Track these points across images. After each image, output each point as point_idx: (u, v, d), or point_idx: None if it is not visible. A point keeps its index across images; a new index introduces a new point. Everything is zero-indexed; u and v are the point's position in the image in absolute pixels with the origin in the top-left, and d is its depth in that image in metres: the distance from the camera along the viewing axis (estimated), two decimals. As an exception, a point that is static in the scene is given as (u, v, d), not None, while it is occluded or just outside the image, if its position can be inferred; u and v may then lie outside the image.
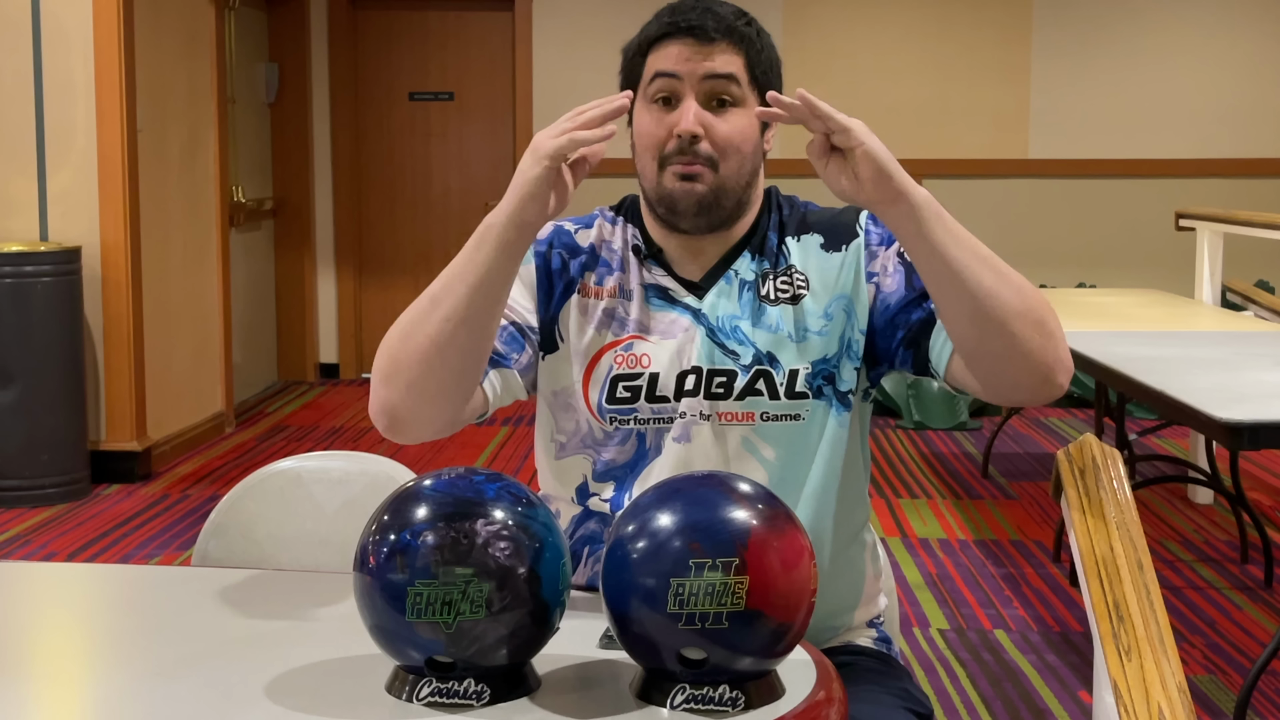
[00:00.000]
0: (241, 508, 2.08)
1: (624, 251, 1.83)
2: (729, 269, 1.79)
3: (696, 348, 1.76)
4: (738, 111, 1.74)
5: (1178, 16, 7.71)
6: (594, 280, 1.81)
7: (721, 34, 1.73)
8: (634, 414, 1.76)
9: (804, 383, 1.76)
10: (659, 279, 1.80)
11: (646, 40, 1.77)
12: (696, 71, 1.73)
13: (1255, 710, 3.36)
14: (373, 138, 8.01)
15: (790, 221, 1.83)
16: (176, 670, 1.48)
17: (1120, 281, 7.48)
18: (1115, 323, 4.63)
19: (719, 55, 1.73)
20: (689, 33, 1.73)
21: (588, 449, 1.79)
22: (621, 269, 1.82)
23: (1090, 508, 2.13)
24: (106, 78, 5.43)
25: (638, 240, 1.83)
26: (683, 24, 1.74)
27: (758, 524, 1.31)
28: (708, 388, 1.75)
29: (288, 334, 7.95)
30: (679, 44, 1.74)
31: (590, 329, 1.79)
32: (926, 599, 4.19)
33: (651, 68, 1.76)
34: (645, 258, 1.81)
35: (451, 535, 1.31)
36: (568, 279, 1.81)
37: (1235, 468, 4.45)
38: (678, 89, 1.74)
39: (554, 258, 1.82)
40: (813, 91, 1.56)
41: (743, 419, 1.75)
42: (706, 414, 1.75)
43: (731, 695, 1.32)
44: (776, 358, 1.76)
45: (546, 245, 1.82)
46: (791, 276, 1.79)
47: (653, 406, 1.75)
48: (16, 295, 5.16)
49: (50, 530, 4.93)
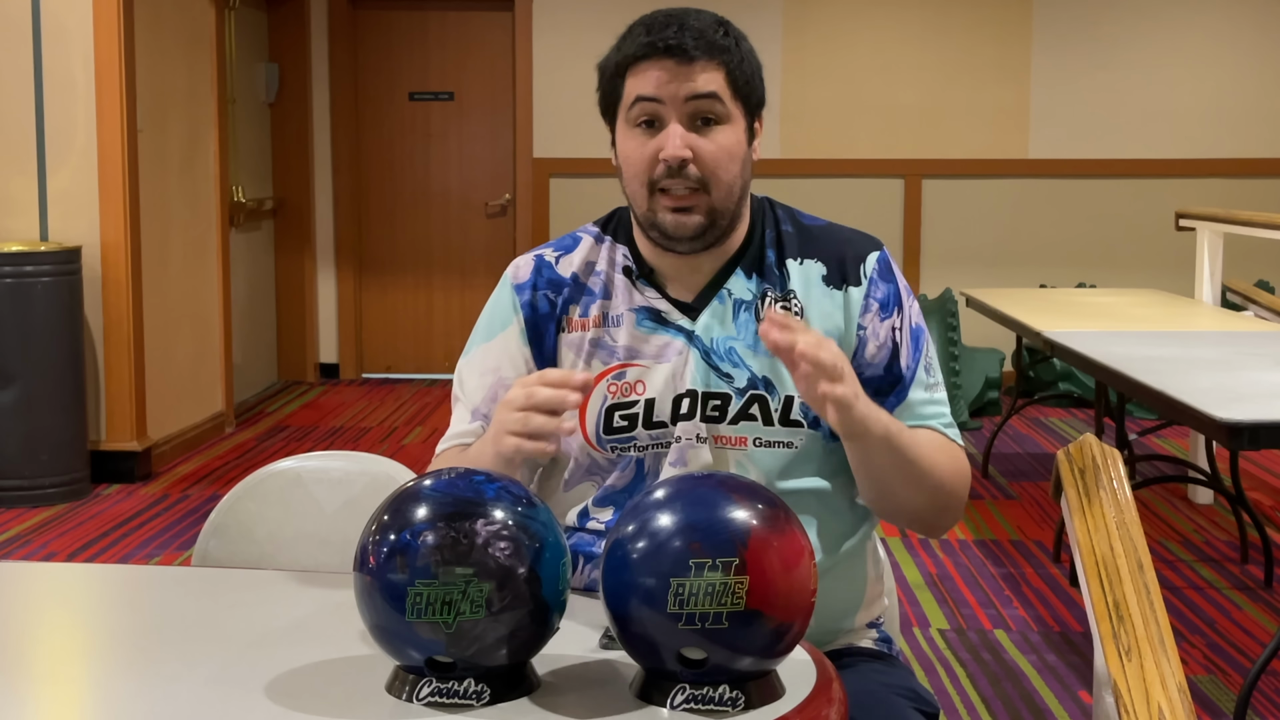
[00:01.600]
0: (241, 508, 2.08)
1: (611, 273, 1.80)
2: (722, 288, 1.77)
3: (691, 371, 1.74)
4: (723, 128, 1.72)
5: (1178, 17, 7.71)
6: (578, 313, 1.79)
7: (701, 51, 1.69)
8: (633, 441, 1.75)
9: (799, 411, 1.74)
10: (651, 301, 1.78)
11: (624, 61, 1.73)
12: (679, 94, 1.69)
13: (1255, 710, 3.36)
14: (373, 138, 8.01)
15: (791, 241, 1.80)
16: (176, 670, 1.48)
17: (1120, 281, 7.48)
18: (1115, 323, 4.63)
19: (700, 74, 1.70)
20: (667, 53, 1.69)
21: (593, 476, 1.78)
22: (606, 294, 1.79)
23: (1090, 508, 2.13)
24: (106, 78, 5.43)
25: (629, 261, 1.80)
26: (660, 44, 1.69)
27: (758, 524, 1.31)
28: (703, 410, 1.73)
29: (288, 334, 7.95)
30: (658, 66, 1.70)
31: (580, 362, 1.77)
32: (926, 599, 4.19)
33: (632, 91, 1.72)
34: (637, 278, 1.79)
35: (451, 535, 1.31)
36: (556, 318, 1.79)
37: (1235, 468, 4.45)
38: (660, 113, 1.71)
39: (540, 301, 1.80)
40: (813, 91, 1.56)
41: (737, 443, 1.74)
42: (703, 436, 1.73)
43: (731, 695, 1.32)
44: (773, 383, 1.74)
45: (530, 289, 1.81)
46: (790, 301, 1.77)
47: (650, 433, 1.74)
48: (16, 295, 5.16)
49: (50, 530, 4.93)
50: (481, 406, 1.81)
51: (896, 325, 1.78)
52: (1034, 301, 5.30)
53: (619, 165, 1.76)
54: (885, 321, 1.77)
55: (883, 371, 1.76)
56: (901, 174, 7.69)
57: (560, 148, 7.76)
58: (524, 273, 1.82)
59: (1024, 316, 4.68)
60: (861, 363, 1.76)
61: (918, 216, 7.71)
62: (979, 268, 7.66)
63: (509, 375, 1.79)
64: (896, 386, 1.76)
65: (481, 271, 7.99)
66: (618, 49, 1.75)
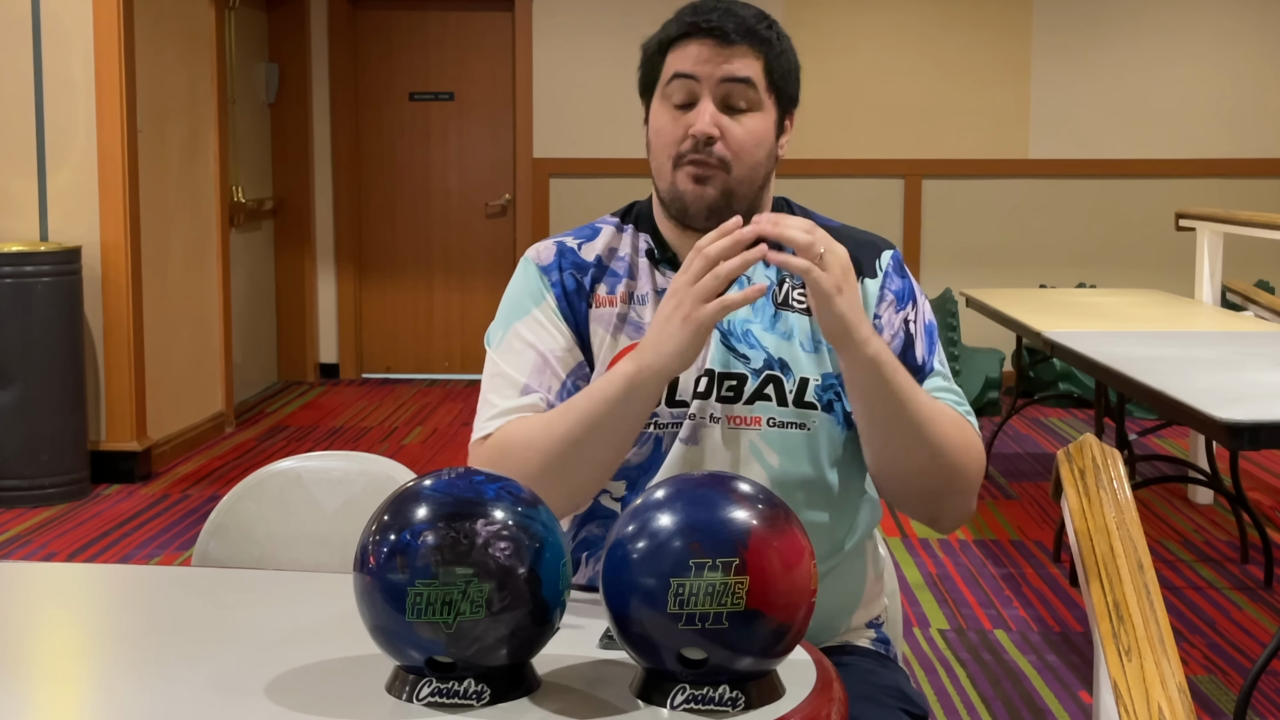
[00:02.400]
0: (241, 508, 2.08)
1: (634, 258, 1.82)
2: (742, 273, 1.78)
3: (710, 350, 1.75)
4: (754, 115, 1.74)
5: (1178, 17, 7.70)
6: (604, 290, 1.80)
7: (741, 36, 1.73)
8: (655, 419, 1.75)
9: (814, 394, 1.75)
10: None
11: (666, 39, 1.77)
12: (715, 74, 1.72)
13: (1255, 710, 3.36)
14: (373, 138, 8.01)
15: None
16: (176, 670, 1.48)
17: (1120, 281, 7.47)
18: (1115, 323, 4.63)
19: (738, 59, 1.73)
20: (709, 34, 1.72)
21: None
22: (630, 275, 1.81)
23: (1090, 508, 2.13)
24: (106, 78, 5.43)
25: (650, 244, 1.82)
26: (703, 24, 1.73)
27: (758, 524, 1.31)
28: (719, 390, 1.75)
29: (288, 334, 7.95)
30: (698, 45, 1.73)
31: (608, 337, 1.79)
32: (926, 599, 4.19)
33: (670, 68, 1.75)
34: (659, 261, 1.81)
35: (451, 535, 1.31)
36: (585, 295, 1.80)
37: (1235, 468, 4.45)
38: (695, 90, 1.73)
39: (568, 280, 1.81)
40: (813, 91, 1.56)
41: (751, 423, 1.75)
42: (717, 416, 1.75)
43: (731, 695, 1.32)
44: (788, 364, 1.76)
45: (557, 270, 1.82)
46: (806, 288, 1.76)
47: (672, 411, 1.75)
48: (16, 295, 5.16)
49: (50, 530, 4.93)
50: (531, 381, 1.77)
51: (910, 318, 1.79)
52: (1034, 301, 5.30)
53: (649, 140, 1.79)
54: (899, 313, 1.79)
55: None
56: (901, 174, 7.69)
57: (560, 148, 7.76)
58: (547, 255, 1.83)
59: (1024, 316, 4.68)
60: None
61: (918, 216, 7.71)
62: (979, 268, 7.66)
63: (550, 347, 1.78)
64: (914, 376, 1.75)
65: (481, 271, 7.99)
66: (663, 29, 1.78)
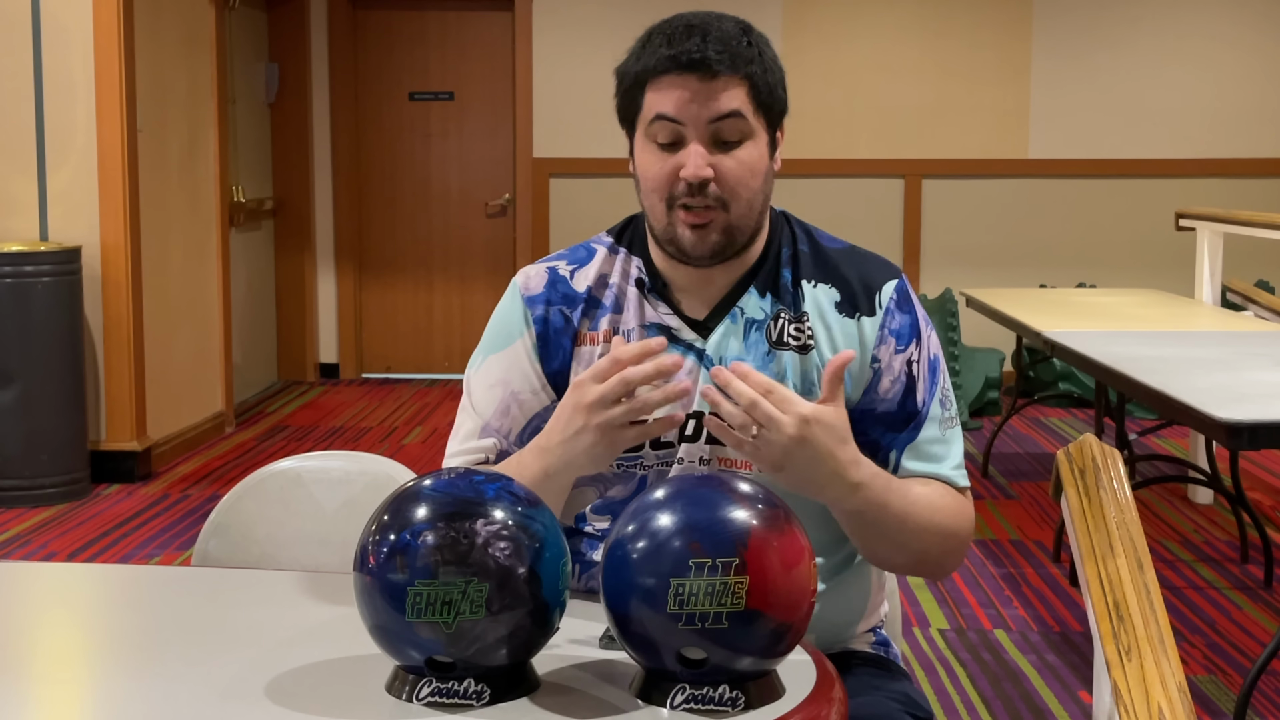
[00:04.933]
0: (241, 508, 2.08)
1: (623, 285, 1.76)
2: (735, 306, 1.73)
3: (699, 392, 1.69)
4: (745, 146, 1.67)
5: (1178, 16, 7.70)
6: (589, 327, 1.76)
7: (725, 65, 1.63)
8: (639, 460, 1.72)
9: None
10: (663, 317, 1.74)
11: (644, 73, 1.67)
12: (701, 116, 1.64)
13: (1255, 710, 3.35)
14: (373, 138, 8.00)
15: (806, 262, 1.76)
16: (176, 670, 1.48)
17: (1120, 281, 7.47)
18: (1115, 323, 4.63)
19: (722, 93, 1.64)
20: (690, 68, 1.63)
21: (595, 483, 1.76)
22: (616, 308, 1.76)
23: (1090, 508, 2.13)
24: (106, 78, 5.43)
25: (642, 273, 1.76)
26: (683, 59, 1.63)
27: (758, 524, 1.31)
28: (709, 433, 1.70)
29: (288, 334, 7.95)
30: (680, 84, 1.64)
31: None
32: (926, 599, 4.19)
33: (651, 108, 1.66)
34: (649, 292, 1.75)
35: (451, 535, 1.31)
36: (571, 332, 1.76)
37: (1235, 468, 4.45)
38: (682, 133, 1.65)
39: (554, 316, 1.76)
40: (813, 91, 1.54)
41: (741, 466, 1.70)
42: (706, 459, 1.71)
43: (731, 695, 1.32)
44: None
45: (544, 304, 1.77)
46: (803, 324, 1.73)
47: (657, 453, 1.72)
48: (16, 295, 5.16)
49: (50, 530, 4.93)
50: (493, 421, 1.77)
51: (914, 358, 1.74)
52: (1034, 301, 5.30)
53: (637, 176, 1.72)
54: (901, 355, 1.73)
55: (896, 407, 1.72)
56: (901, 174, 7.69)
57: (560, 148, 7.76)
58: (536, 285, 1.78)
59: (1024, 316, 4.68)
60: (875, 397, 1.73)
61: (918, 216, 7.70)
62: (979, 268, 7.66)
63: (519, 388, 1.76)
64: (911, 422, 1.73)
65: (481, 272, 7.99)
66: (636, 58, 1.69)
